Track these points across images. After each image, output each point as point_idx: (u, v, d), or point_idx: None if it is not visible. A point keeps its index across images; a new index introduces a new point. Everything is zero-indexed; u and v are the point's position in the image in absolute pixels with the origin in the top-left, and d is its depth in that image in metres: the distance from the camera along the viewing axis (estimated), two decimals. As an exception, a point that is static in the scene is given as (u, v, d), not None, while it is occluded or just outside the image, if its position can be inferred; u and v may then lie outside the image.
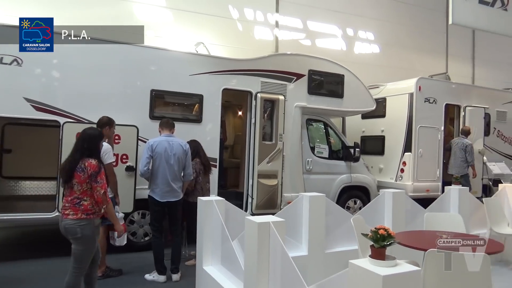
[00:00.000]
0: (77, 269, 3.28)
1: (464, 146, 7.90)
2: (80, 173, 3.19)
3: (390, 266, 1.96)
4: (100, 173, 3.25)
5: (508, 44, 13.20)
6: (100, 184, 3.23)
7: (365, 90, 7.60)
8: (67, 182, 3.24)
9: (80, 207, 3.21)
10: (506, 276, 4.77)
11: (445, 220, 4.15)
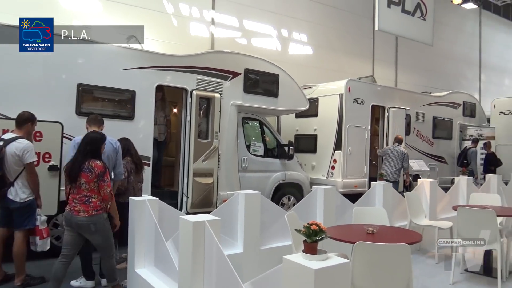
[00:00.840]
0: (106, 254, 3.74)
1: (402, 155, 8.03)
2: (87, 173, 3.52)
3: (322, 260, 2.03)
4: (106, 173, 3.62)
5: (426, 51, 14.45)
6: (107, 183, 3.61)
7: (299, 90, 7.83)
8: (74, 182, 3.55)
9: (90, 204, 3.55)
10: (423, 264, 5.20)
11: (371, 213, 4.41)
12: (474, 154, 10.42)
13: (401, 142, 8.43)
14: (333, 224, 4.31)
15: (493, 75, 19.16)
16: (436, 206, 6.36)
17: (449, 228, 5.32)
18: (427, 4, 11.00)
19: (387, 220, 4.30)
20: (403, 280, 2.86)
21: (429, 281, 4.55)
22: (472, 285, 4.45)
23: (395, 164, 8.02)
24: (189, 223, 2.71)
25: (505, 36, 19.73)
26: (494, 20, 19.06)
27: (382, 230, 3.62)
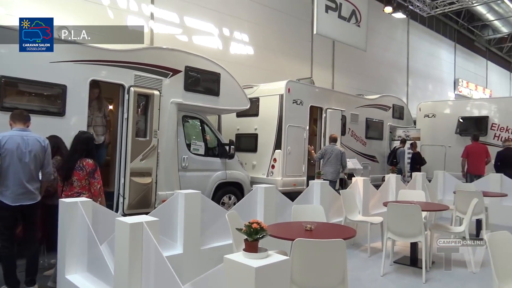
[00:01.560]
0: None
1: (341, 154, 8.23)
2: (79, 171, 3.79)
3: (262, 258, 2.05)
4: (97, 171, 3.89)
5: (360, 56, 15.24)
6: (97, 180, 3.86)
7: (240, 89, 7.87)
8: (66, 179, 3.78)
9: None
10: (357, 257, 5.47)
11: (309, 211, 4.54)
12: (402, 153, 11.19)
13: (336, 141, 8.76)
14: (273, 222, 4.38)
15: (419, 80, 20.74)
16: (368, 202, 6.72)
17: (380, 223, 5.65)
18: (361, 11, 11.60)
19: (324, 217, 4.46)
20: (338, 273, 2.98)
21: (362, 273, 4.80)
22: (400, 275, 4.76)
23: (335, 164, 8.26)
24: (125, 225, 2.60)
25: (429, 45, 21.43)
26: (420, 30, 20.63)
27: (319, 227, 3.74)
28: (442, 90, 22.26)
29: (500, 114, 11.14)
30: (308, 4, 13.76)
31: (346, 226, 4.85)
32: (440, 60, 22.46)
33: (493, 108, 11.49)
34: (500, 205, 7.67)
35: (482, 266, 4.98)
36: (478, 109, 11.88)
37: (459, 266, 5.11)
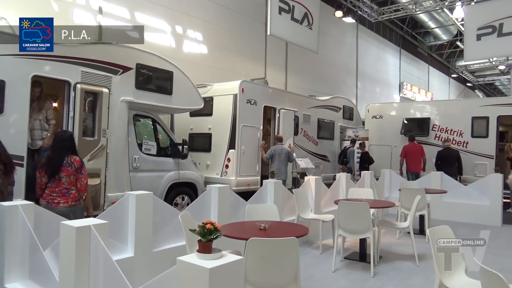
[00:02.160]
0: None
1: (289, 153, 8.60)
2: (68, 167, 3.88)
3: (216, 258, 2.03)
4: (83, 167, 4.03)
5: (312, 58, 15.60)
6: (84, 175, 3.99)
7: (194, 88, 7.76)
8: (53, 176, 3.84)
9: (69, 195, 3.90)
10: (310, 255, 5.59)
11: (263, 210, 4.58)
12: (352, 153, 11.61)
13: (282, 141, 8.96)
14: (227, 222, 4.36)
15: (367, 83, 21.63)
16: (320, 201, 6.90)
17: (331, 220, 5.81)
18: (313, 14, 11.87)
19: (277, 215, 4.52)
20: (291, 271, 3.02)
21: (314, 270, 4.91)
22: (350, 270, 4.93)
23: (285, 163, 8.54)
24: (71, 228, 2.46)
25: (376, 49, 22.42)
26: (368, 35, 21.52)
27: (273, 226, 3.78)
28: (388, 93, 23.38)
29: (440, 116, 11.89)
30: (262, 5, 13.87)
31: (299, 225, 4.94)
32: (387, 64, 23.57)
33: (434, 110, 12.24)
34: (441, 201, 8.19)
35: (424, 259, 5.29)
36: (420, 111, 12.59)
37: (404, 260, 5.39)
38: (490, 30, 12.24)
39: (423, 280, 4.56)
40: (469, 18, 13.04)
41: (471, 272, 2.98)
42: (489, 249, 6.35)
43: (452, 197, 8.21)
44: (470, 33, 12.77)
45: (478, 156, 10.81)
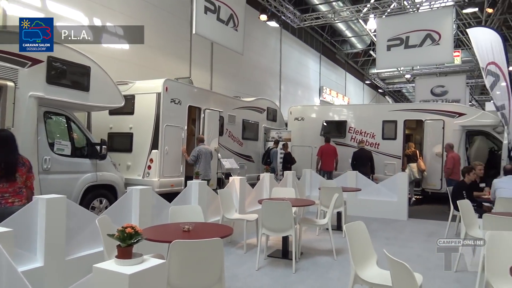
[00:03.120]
0: None
1: (211, 154, 8.77)
2: (21, 167, 3.82)
3: (137, 264, 1.94)
4: (32, 166, 3.98)
5: (237, 60, 15.73)
6: (33, 174, 3.97)
7: (114, 85, 7.36)
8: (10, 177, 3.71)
9: (22, 194, 3.81)
10: (234, 255, 5.62)
11: (187, 211, 4.49)
12: (275, 153, 11.93)
13: (203, 141, 8.96)
14: (150, 225, 4.21)
15: (290, 86, 22.42)
16: (245, 200, 6.97)
17: (255, 219, 5.91)
18: (239, 16, 11.97)
19: (202, 216, 4.46)
20: (216, 272, 3.00)
21: (238, 269, 4.94)
22: (273, 268, 5.05)
23: (210, 163, 8.58)
24: (-34, 238, 2.18)
25: (299, 54, 23.34)
26: (291, 40, 22.32)
27: (197, 227, 3.73)
28: (309, 96, 24.48)
29: (356, 119, 12.74)
30: (187, 3, 13.64)
31: (223, 225, 4.94)
32: (308, 68, 24.67)
33: (350, 113, 13.08)
34: (356, 199, 8.78)
35: (342, 253, 5.61)
36: (338, 114, 13.37)
37: (324, 255, 5.66)
38: (398, 42, 13.43)
39: (340, 273, 4.84)
40: (380, 30, 14.17)
41: (382, 264, 3.21)
42: (397, 241, 6.96)
43: (366, 195, 8.84)
44: (381, 43, 13.89)
45: (387, 156, 11.78)
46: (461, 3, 14.77)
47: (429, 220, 8.42)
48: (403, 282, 2.57)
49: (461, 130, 10.96)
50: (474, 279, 4.26)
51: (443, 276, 4.78)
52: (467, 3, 14.59)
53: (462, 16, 19.23)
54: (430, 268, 5.09)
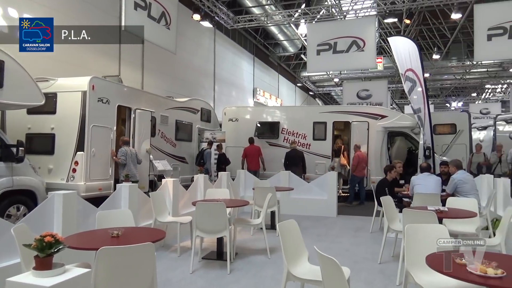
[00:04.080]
0: None
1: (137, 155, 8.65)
2: None
3: (58, 275, 1.79)
4: None
5: (170, 59, 15.37)
6: None
7: (32, 82, 6.75)
8: None
9: None
10: (167, 259, 5.46)
11: (116, 216, 4.27)
12: (209, 154, 11.84)
13: (128, 143, 8.67)
14: (74, 232, 3.93)
15: (224, 87, 22.42)
16: (178, 203, 6.81)
17: (189, 222, 5.80)
18: (171, 14, 11.70)
19: (132, 221, 4.28)
20: (147, 277, 2.89)
21: (171, 273, 4.81)
22: (208, 270, 4.99)
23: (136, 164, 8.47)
24: None
25: (233, 55, 23.44)
26: (225, 41, 22.34)
27: (127, 232, 3.56)
28: (243, 97, 24.69)
29: (288, 120, 13.09)
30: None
31: (155, 229, 4.78)
32: (242, 70, 24.87)
33: (283, 115, 13.41)
34: (289, 198, 9.01)
35: (275, 252, 5.71)
36: (272, 115, 13.64)
37: (258, 254, 5.72)
38: (327, 47, 14.07)
39: (274, 271, 4.92)
40: (310, 35, 14.74)
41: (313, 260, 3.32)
42: (327, 237, 7.27)
43: (298, 194, 9.12)
44: (312, 48, 14.45)
45: (318, 156, 12.26)
46: (383, 13, 15.85)
47: (357, 216, 8.91)
48: (332, 276, 2.67)
49: (384, 131, 11.76)
50: (396, 269, 4.59)
51: (368, 268, 5.08)
52: (388, 13, 15.69)
53: (384, 25, 20.68)
54: (357, 261, 5.39)
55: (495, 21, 12.24)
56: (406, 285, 3.39)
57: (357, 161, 10.77)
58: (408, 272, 3.27)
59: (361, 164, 10.78)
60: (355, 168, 10.74)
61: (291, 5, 18.94)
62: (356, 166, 10.75)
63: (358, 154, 10.89)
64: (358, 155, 10.86)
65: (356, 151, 11.10)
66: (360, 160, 10.78)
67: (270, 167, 11.73)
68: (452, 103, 35.74)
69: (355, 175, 10.78)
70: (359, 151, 11.04)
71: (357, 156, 10.85)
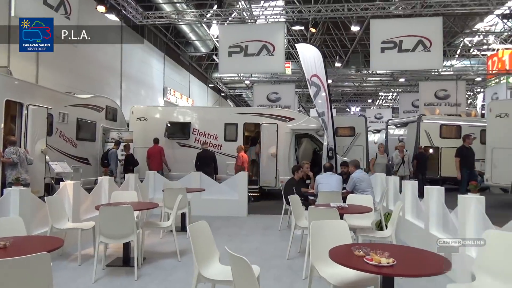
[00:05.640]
0: None
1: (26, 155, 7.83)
2: None
3: None
4: None
5: (70, 52, 14.17)
6: None
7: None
8: None
9: None
10: (66, 269, 5.00)
11: (3, 225, 3.78)
12: (114, 155, 11.18)
13: (15, 143, 7.81)
14: None
15: (132, 85, 21.38)
16: (79, 207, 6.30)
17: (92, 228, 5.39)
18: (71, 3, 10.81)
19: (24, 229, 3.83)
20: (42, 292, 2.60)
21: (71, 284, 4.43)
22: (113, 278, 4.69)
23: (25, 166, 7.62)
24: None
25: (142, 52, 22.48)
26: (134, 37, 21.28)
27: (17, 242, 3.18)
28: (153, 96, 23.82)
29: (200, 121, 12.98)
30: (5, -20, 11.59)
31: (51, 237, 4.35)
32: (152, 68, 23.98)
33: (194, 115, 13.25)
34: (200, 199, 8.92)
35: (186, 254, 5.60)
36: (183, 115, 13.39)
37: (168, 258, 5.56)
38: (239, 50, 14.31)
39: (185, 274, 4.82)
40: (222, 36, 14.83)
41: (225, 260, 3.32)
42: (238, 237, 7.37)
43: (209, 194, 9.08)
44: (223, 49, 14.55)
45: (229, 157, 12.34)
46: (291, 20, 16.59)
47: (266, 215, 9.17)
48: (243, 275, 2.70)
49: (291, 133, 12.32)
50: (303, 264, 4.82)
51: (277, 265, 5.26)
52: (296, 21, 16.47)
53: (292, 32, 21.69)
54: (267, 259, 5.54)
55: (388, 35, 13.69)
56: (311, 278, 3.57)
57: (241, 161, 11.20)
58: (313, 266, 3.45)
59: (244, 165, 11.22)
60: (239, 168, 11.00)
61: (203, 5, 18.83)
62: (240, 166, 11.10)
63: (242, 155, 11.29)
64: (242, 156, 11.26)
65: (239, 152, 11.43)
66: (243, 160, 11.24)
67: (181, 168, 11.51)
68: (352, 108, 38.96)
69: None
70: (242, 152, 11.42)
71: (240, 157, 11.26)
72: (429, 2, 14.18)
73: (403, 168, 11.29)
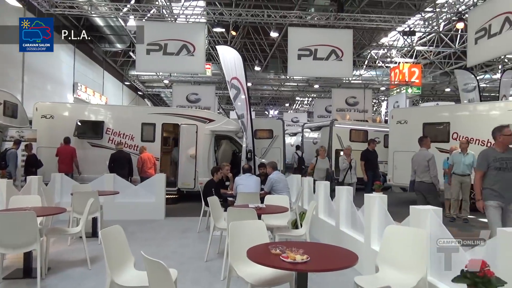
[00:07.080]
0: None
1: None
2: None
3: None
4: None
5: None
6: None
7: None
8: None
9: None
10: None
11: None
12: (13, 155, 10.07)
13: None
14: None
15: (37, 79, 19.49)
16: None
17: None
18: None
19: None
20: None
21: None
22: (10, 292, 4.23)
23: None
24: None
25: (48, 43, 20.64)
26: (38, 25, 19.48)
27: None
28: (62, 92, 21.97)
29: (114, 120, 12.29)
30: None
31: None
32: (60, 61, 22.12)
33: (108, 114, 12.52)
34: (114, 202, 8.46)
35: (98, 261, 5.26)
36: (95, 114, 12.58)
37: (77, 266, 5.17)
38: (158, 48, 13.91)
39: (96, 282, 4.53)
40: (140, 33, 14.24)
41: (140, 265, 3.19)
42: (154, 241, 7.15)
43: (124, 197, 8.65)
44: (141, 47, 14.04)
45: (146, 158, 11.89)
46: (212, 22, 16.57)
47: (184, 217, 9.00)
48: (159, 279, 2.62)
49: (211, 134, 12.28)
50: (221, 266, 4.83)
51: (195, 268, 5.20)
52: (217, 23, 16.48)
53: (213, 33, 21.66)
54: (184, 262, 5.45)
55: (304, 43, 14.39)
56: (230, 279, 3.59)
57: (141, 162, 10.87)
58: (232, 266, 3.47)
59: (145, 165, 10.90)
60: (140, 170, 10.80)
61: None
62: (141, 168, 10.83)
63: (142, 156, 10.98)
64: (141, 157, 10.96)
65: (141, 153, 11.12)
66: (143, 161, 10.90)
67: (93, 169, 10.80)
68: (270, 111, 40.18)
69: (142, 176, 10.65)
70: (144, 153, 11.06)
71: (140, 159, 10.94)
72: (341, 15, 15.23)
73: (349, 175, 9.80)
